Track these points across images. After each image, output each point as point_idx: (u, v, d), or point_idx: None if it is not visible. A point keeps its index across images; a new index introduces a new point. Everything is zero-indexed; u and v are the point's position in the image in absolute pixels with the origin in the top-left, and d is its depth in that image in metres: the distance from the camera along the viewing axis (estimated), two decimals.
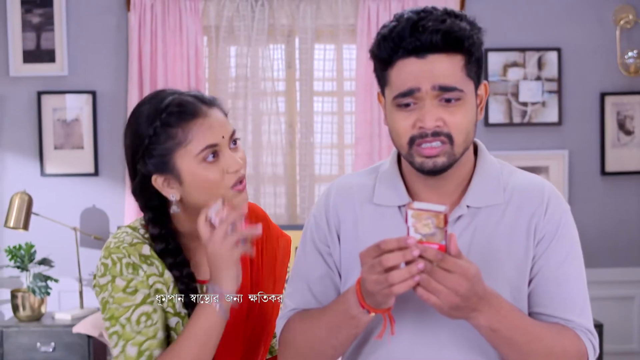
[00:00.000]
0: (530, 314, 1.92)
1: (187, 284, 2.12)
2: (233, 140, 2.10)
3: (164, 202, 2.14)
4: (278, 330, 2.07)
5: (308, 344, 1.95)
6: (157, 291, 2.10)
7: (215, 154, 2.05)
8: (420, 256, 1.66)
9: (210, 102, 2.10)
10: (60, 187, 5.52)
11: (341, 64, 5.61)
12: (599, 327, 5.12)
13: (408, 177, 2.00)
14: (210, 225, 2.02)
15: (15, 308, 5.18)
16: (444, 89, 1.81)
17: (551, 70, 5.60)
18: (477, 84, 1.90)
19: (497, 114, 5.58)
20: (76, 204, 5.52)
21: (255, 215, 2.32)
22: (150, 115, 2.06)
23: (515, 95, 5.60)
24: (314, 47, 5.55)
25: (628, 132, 5.67)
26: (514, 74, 5.60)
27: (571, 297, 1.91)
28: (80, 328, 4.95)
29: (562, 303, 1.90)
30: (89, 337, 5.02)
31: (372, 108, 5.47)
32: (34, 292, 5.09)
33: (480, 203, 1.94)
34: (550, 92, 5.61)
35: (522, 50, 5.60)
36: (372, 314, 1.79)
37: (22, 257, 5.20)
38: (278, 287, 2.33)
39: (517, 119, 5.59)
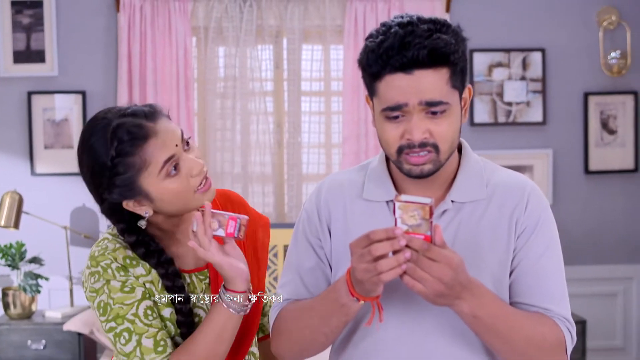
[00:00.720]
0: (511, 304, 2.00)
1: (173, 280, 2.17)
2: (186, 142, 2.14)
3: (133, 213, 2.17)
4: (271, 319, 2.15)
5: (300, 332, 2.04)
6: (147, 290, 2.15)
7: (176, 165, 2.09)
8: (407, 246, 1.74)
9: (153, 115, 2.10)
10: (50, 187, 5.57)
11: (328, 65, 5.68)
12: (582, 323, 5.21)
13: (396, 174, 2.08)
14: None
15: (6, 306, 5.23)
16: (430, 104, 1.89)
17: (535, 70, 5.69)
18: (461, 91, 1.98)
19: (482, 114, 5.65)
20: (66, 203, 5.57)
21: (230, 201, 2.39)
22: (102, 148, 2.07)
23: (500, 95, 5.68)
24: (302, 48, 5.62)
25: (611, 132, 5.75)
26: (498, 74, 5.68)
27: (550, 287, 1.99)
28: (71, 326, 5.00)
29: (541, 293, 1.99)
30: (79, 334, 5.07)
31: (359, 108, 5.54)
32: (24, 290, 5.14)
33: (464, 198, 2.03)
34: (534, 92, 5.70)
35: (507, 50, 5.68)
36: (362, 302, 1.87)
37: (13, 255, 5.25)
38: (262, 268, 2.39)
39: (502, 119, 5.67)
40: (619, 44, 5.71)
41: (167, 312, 2.19)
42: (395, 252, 1.75)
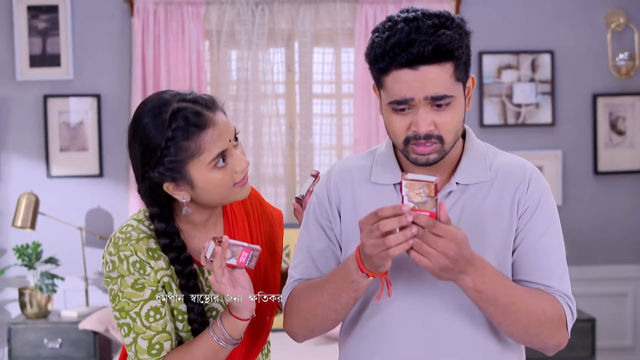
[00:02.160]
0: (513, 282, 2.06)
1: (188, 280, 2.22)
2: (235, 138, 2.22)
3: (170, 199, 2.23)
4: (283, 299, 2.23)
5: (311, 309, 2.11)
6: (164, 285, 2.21)
7: (224, 158, 2.16)
8: (413, 222, 1.82)
9: (213, 106, 2.17)
10: (66, 189, 5.66)
11: (339, 67, 5.75)
12: (591, 321, 5.26)
13: (402, 159, 2.17)
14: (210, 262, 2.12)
15: (22, 305, 5.32)
16: (435, 98, 1.98)
17: (544, 72, 5.75)
18: (465, 82, 2.07)
19: (491, 115, 5.72)
20: (81, 205, 5.66)
21: (251, 197, 2.44)
22: (158, 127, 2.12)
23: (510, 96, 5.75)
24: (313, 51, 5.70)
25: (620, 133, 5.81)
26: (508, 76, 5.74)
27: (550, 265, 2.07)
28: (87, 324, 5.08)
29: (543, 270, 2.06)
30: (94, 333, 5.15)
31: (369, 110, 5.61)
32: (41, 289, 5.22)
33: (468, 180, 2.11)
34: (543, 93, 5.75)
35: (516, 52, 5.74)
36: (371, 278, 1.95)
37: (30, 255, 5.33)
38: (277, 260, 2.47)
39: (511, 120, 5.73)
40: (627, 45, 5.77)
41: (184, 306, 2.24)
42: (402, 229, 1.82)
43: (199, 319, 2.24)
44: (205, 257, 2.09)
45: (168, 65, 5.57)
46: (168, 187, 2.17)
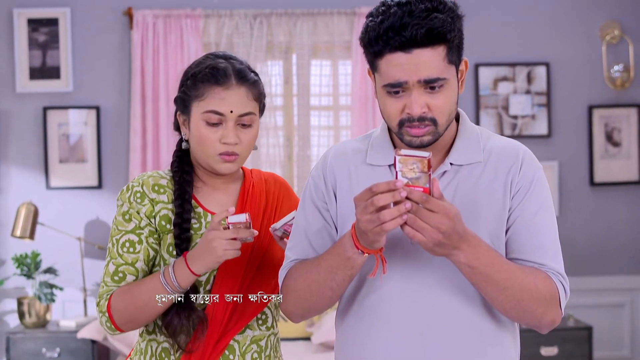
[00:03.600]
0: None
1: (181, 228, 2.37)
2: (242, 123, 2.38)
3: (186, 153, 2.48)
4: (280, 280, 2.26)
5: (307, 287, 2.14)
6: (162, 217, 2.39)
7: (219, 122, 2.36)
8: (408, 198, 1.85)
9: (243, 79, 2.38)
10: (65, 200, 5.69)
11: (337, 79, 5.81)
12: (588, 329, 5.28)
13: (397, 141, 2.20)
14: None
15: (21, 315, 5.33)
16: (428, 81, 2.02)
17: (540, 84, 5.80)
18: (458, 65, 2.11)
19: (488, 127, 5.75)
20: (80, 215, 5.69)
21: (278, 182, 2.63)
22: (198, 66, 2.41)
23: (506, 108, 5.79)
24: (311, 63, 5.76)
25: (616, 144, 5.85)
26: (504, 88, 5.79)
27: (544, 243, 2.10)
28: (85, 333, 5.09)
29: (536, 249, 2.09)
30: (93, 342, 5.16)
31: (367, 122, 5.65)
32: (39, 298, 5.23)
33: (462, 161, 2.15)
34: (539, 105, 5.80)
35: (512, 65, 5.80)
36: (366, 255, 1.98)
37: (29, 265, 5.35)
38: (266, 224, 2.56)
39: (507, 132, 5.78)
40: (621, 57, 5.82)
41: (170, 237, 2.41)
42: (396, 204, 1.86)
43: (183, 246, 2.37)
44: (227, 220, 2.24)
45: (167, 78, 5.61)
46: (179, 117, 2.45)
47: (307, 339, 5.51)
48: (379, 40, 2.01)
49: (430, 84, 2.02)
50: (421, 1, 2.02)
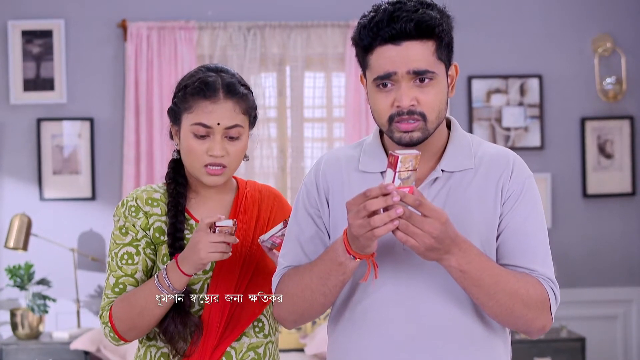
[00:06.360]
0: None
1: (174, 237, 2.43)
2: (230, 136, 2.41)
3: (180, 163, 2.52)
4: (273, 286, 2.27)
5: (300, 293, 2.16)
6: (156, 229, 2.46)
7: (207, 135, 2.41)
8: (402, 201, 1.87)
9: (231, 93, 2.41)
10: (58, 211, 5.69)
11: (330, 91, 5.83)
12: (581, 341, 5.29)
13: (389, 148, 2.21)
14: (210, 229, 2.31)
15: (14, 326, 5.32)
16: (417, 72, 2.05)
17: (533, 96, 5.82)
18: (447, 66, 2.15)
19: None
20: (74, 227, 5.69)
21: (272, 194, 2.65)
22: (189, 78, 2.46)
23: (499, 120, 5.81)
24: (304, 75, 5.78)
25: (608, 156, 5.87)
26: (497, 100, 5.81)
27: (534, 249, 2.12)
28: (78, 344, 5.08)
29: (526, 254, 2.11)
30: (86, 353, 5.15)
31: (360, 134, 5.67)
32: (32, 309, 5.23)
33: (453, 168, 2.16)
34: (532, 117, 5.82)
35: (505, 77, 5.82)
36: (358, 260, 2.00)
37: (22, 276, 5.34)
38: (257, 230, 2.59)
39: (500, 144, 5.77)
40: (614, 70, 5.85)
41: (164, 248, 2.47)
42: (386, 210, 1.87)
43: (175, 251, 2.42)
44: (214, 224, 2.30)
45: (161, 89, 5.62)
46: (172, 127, 2.51)
47: (301, 350, 5.51)
48: (370, 33, 2.06)
49: (420, 76, 2.05)
50: (411, 0, 2.08)
